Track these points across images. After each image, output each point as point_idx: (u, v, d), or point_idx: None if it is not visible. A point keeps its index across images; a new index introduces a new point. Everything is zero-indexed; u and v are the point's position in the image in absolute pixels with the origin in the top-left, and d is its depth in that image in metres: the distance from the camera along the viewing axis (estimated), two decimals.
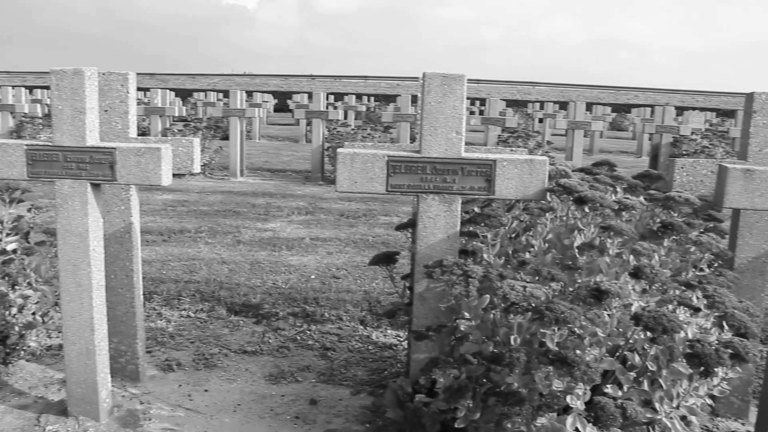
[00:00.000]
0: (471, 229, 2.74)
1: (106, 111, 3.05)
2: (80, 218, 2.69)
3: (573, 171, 3.05)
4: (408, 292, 3.08)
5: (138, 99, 18.25)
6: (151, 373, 3.41)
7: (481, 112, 25.75)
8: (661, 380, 2.36)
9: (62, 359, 3.27)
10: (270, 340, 3.93)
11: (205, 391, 3.26)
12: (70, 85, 2.58)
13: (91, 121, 2.64)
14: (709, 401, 2.48)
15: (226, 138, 13.62)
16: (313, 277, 5.35)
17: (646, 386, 2.37)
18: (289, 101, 30.04)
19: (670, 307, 2.50)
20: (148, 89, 19.51)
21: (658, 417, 2.30)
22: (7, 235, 3.36)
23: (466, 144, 2.70)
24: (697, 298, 2.45)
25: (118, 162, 2.63)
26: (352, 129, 14.06)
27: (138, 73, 3.23)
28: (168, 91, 20.01)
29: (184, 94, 28.56)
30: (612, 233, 2.47)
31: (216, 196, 9.41)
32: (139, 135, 3.27)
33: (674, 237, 2.60)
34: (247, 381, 3.39)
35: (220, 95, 26.59)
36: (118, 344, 3.25)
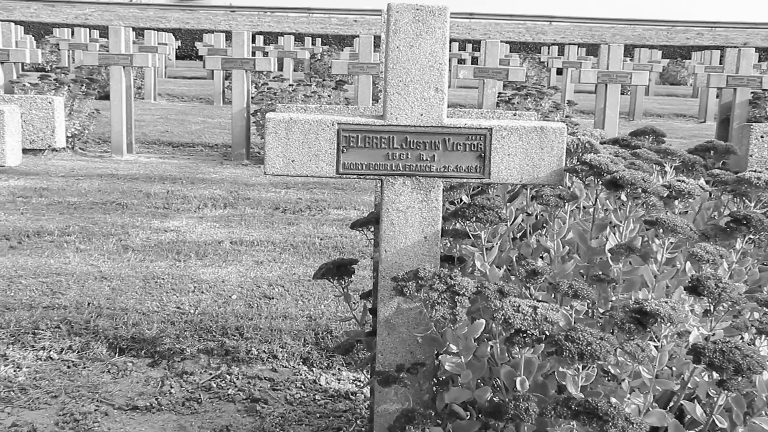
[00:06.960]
0: (458, 226, 2.74)
1: None
2: None
3: (603, 143, 3.07)
4: (370, 316, 3.07)
5: None
6: None
7: (475, 61, 25.86)
8: None
9: None
10: (172, 390, 3.90)
11: None
12: None
13: None
14: None
15: (105, 97, 13.48)
16: (234, 297, 5.32)
17: None
18: (198, 44, 29.90)
19: (746, 336, 2.52)
20: None
21: None
22: None
23: (452, 106, 2.70)
24: None
25: None
26: (291, 85, 14.01)
27: None
28: (14, 24, 19.66)
29: (39, 31, 28.23)
30: (660, 231, 2.49)
31: (92, 182, 9.30)
32: None
33: (750, 236, 2.62)
34: None
35: (95, 34, 26.35)
36: None
